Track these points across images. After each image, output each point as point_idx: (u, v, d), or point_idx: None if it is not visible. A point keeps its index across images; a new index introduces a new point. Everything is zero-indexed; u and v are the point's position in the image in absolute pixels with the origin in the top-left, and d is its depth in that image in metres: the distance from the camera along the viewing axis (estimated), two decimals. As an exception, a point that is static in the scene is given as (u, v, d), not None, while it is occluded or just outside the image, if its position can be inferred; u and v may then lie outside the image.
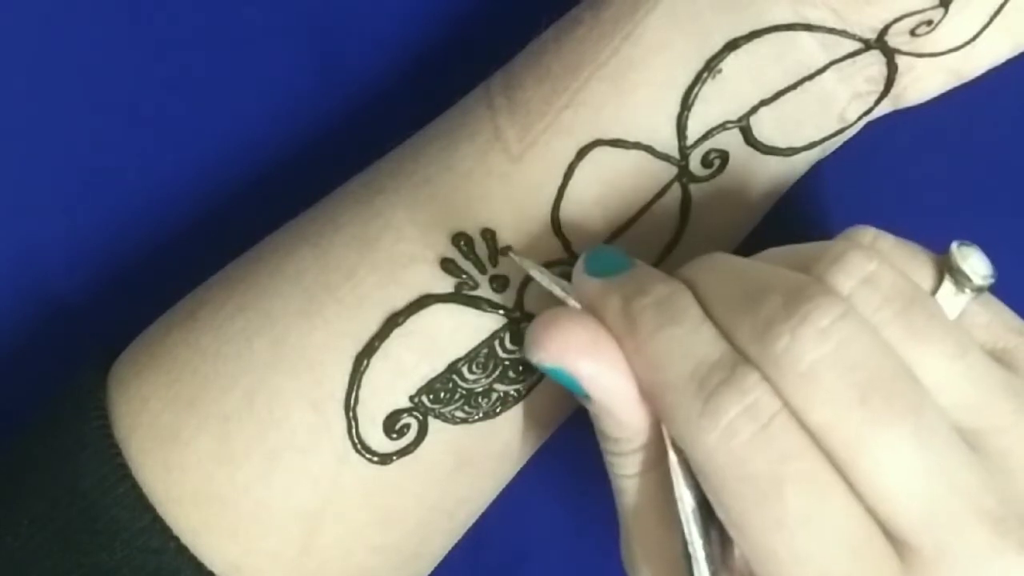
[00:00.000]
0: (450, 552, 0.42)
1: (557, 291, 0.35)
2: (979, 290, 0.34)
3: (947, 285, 0.34)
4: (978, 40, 0.38)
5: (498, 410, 0.39)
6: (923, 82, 0.39)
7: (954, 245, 0.34)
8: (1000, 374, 0.33)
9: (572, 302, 0.35)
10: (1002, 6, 0.38)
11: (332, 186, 0.41)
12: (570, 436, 0.42)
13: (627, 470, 0.35)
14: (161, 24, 0.44)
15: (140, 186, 0.44)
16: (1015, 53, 0.39)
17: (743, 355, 0.32)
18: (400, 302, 0.38)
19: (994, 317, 0.35)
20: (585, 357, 0.33)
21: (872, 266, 0.32)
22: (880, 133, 0.40)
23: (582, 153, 0.37)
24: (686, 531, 0.33)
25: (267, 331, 0.38)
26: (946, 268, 0.34)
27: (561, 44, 0.38)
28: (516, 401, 0.39)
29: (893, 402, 0.31)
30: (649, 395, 0.33)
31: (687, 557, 0.33)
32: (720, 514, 0.32)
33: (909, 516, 0.31)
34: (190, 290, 0.41)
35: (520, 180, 0.37)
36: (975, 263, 0.34)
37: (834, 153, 0.40)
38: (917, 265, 0.34)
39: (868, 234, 0.34)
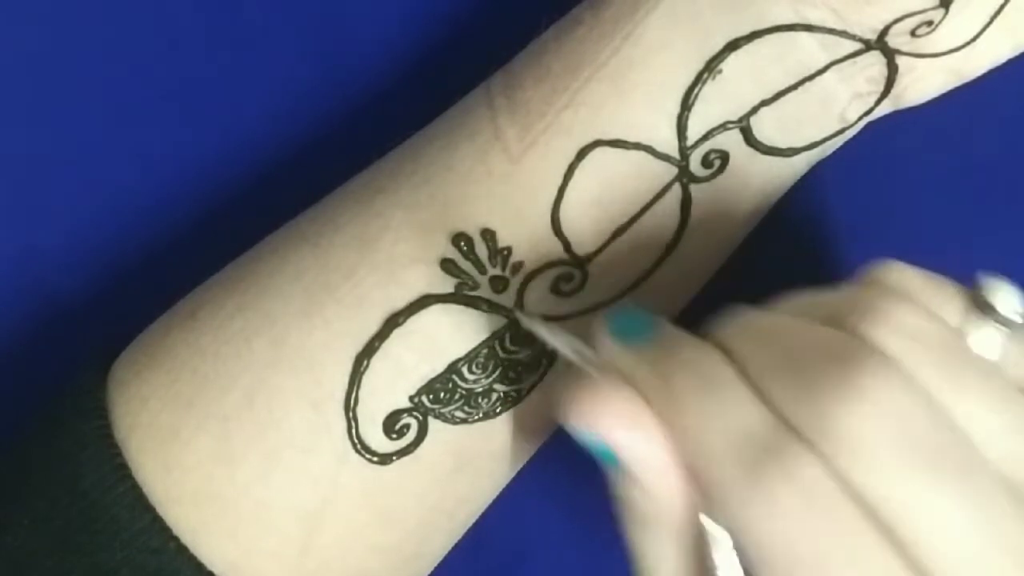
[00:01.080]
0: (450, 552, 0.42)
1: (575, 358, 0.34)
2: (1011, 326, 0.33)
3: (979, 322, 0.33)
4: (978, 40, 0.38)
5: (498, 410, 0.39)
6: (923, 82, 0.39)
7: (982, 279, 0.33)
8: None
9: (594, 369, 0.33)
10: (1002, 6, 0.38)
11: (332, 186, 0.41)
12: (570, 436, 0.42)
13: (650, 538, 0.33)
14: (161, 24, 0.44)
15: (140, 186, 0.44)
16: (1015, 53, 0.39)
17: (786, 423, 0.31)
18: (400, 302, 0.38)
19: None
20: (625, 428, 0.32)
21: (911, 319, 0.31)
22: (880, 133, 0.40)
23: (582, 153, 0.37)
24: None
25: (267, 331, 0.38)
26: (976, 303, 0.33)
27: (561, 44, 0.38)
28: (516, 401, 0.39)
29: (949, 469, 0.30)
30: (689, 467, 0.32)
31: None
32: None
33: None
34: (189, 290, 0.41)
35: (520, 180, 0.37)
36: (1006, 297, 0.33)
37: (834, 153, 0.40)
38: (946, 300, 0.33)
39: (892, 272, 0.33)
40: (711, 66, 0.37)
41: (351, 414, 0.38)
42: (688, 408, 0.31)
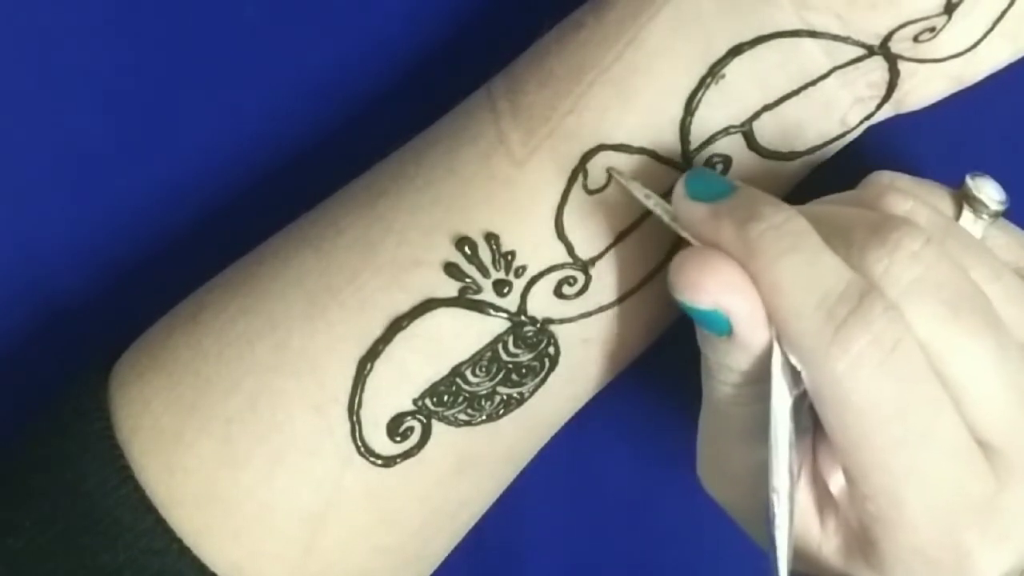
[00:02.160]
0: (450, 552, 0.42)
1: (664, 217, 0.36)
2: (995, 215, 0.37)
3: (967, 214, 0.37)
4: (979, 46, 0.38)
5: (501, 413, 0.39)
6: (925, 87, 0.39)
7: (968, 177, 0.37)
8: None
9: (679, 229, 0.35)
10: (1004, 13, 0.38)
11: (333, 188, 0.40)
12: (571, 436, 0.42)
13: (731, 379, 0.35)
14: (162, 24, 0.44)
15: (141, 187, 0.44)
16: (1015, 58, 0.40)
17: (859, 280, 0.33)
18: (404, 306, 0.38)
19: (1011, 238, 0.38)
20: (739, 296, 0.34)
21: (908, 204, 0.35)
22: (881, 136, 0.40)
23: (586, 158, 0.37)
24: (773, 434, 0.34)
25: (269, 334, 0.39)
26: (963, 198, 0.37)
27: (564, 48, 0.38)
28: (519, 404, 0.39)
29: (978, 316, 0.34)
30: (773, 319, 0.34)
31: (766, 468, 0.34)
32: (835, 434, 0.34)
33: (995, 421, 0.34)
34: (191, 292, 0.41)
35: (524, 184, 0.38)
36: (990, 190, 0.37)
37: (835, 156, 0.40)
38: (937, 198, 0.37)
39: (885, 175, 0.37)
40: (714, 71, 0.37)
41: (354, 417, 0.38)
42: (772, 265, 0.33)
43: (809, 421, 0.35)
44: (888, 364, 0.33)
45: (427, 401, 0.38)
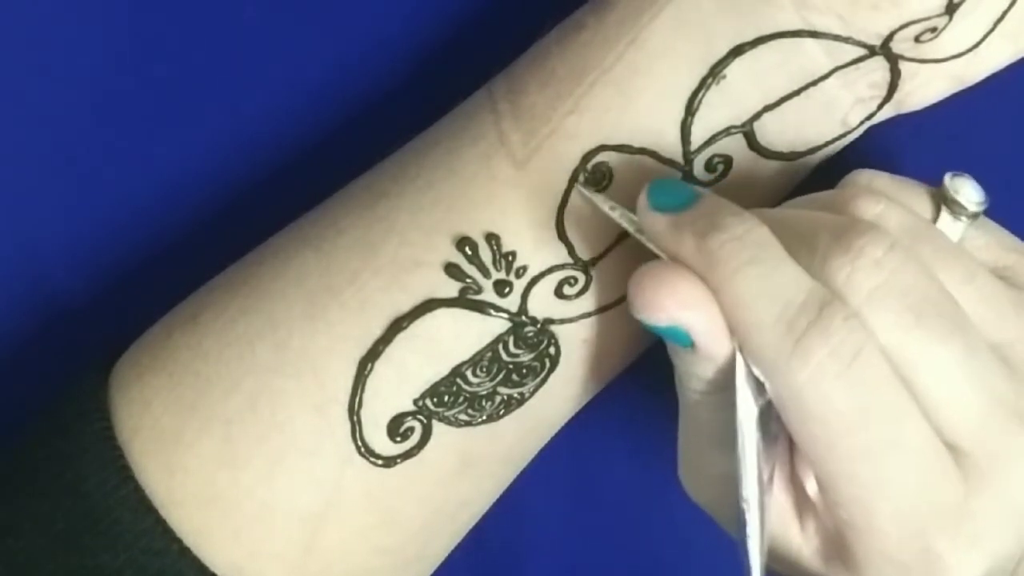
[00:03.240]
0: (451, 552, 0.42)
1: (629, 228, 0.36)
2: (974, 216, 0.37)
3: (944, 215, 0.37)
4: (981, 46, 0.38)
5: (501, 413, 0.39)
6: (926, 87, 0.39)
7: (947, 176, 0.37)
8: (1006, 291, 0.36)
9: (644, 240, 0.35)
10: (1005, 13, 0.38)
11: (334, 188, 0.40)
12: (571, 437, 0.42)
13: (698, 387, 0.35)
14: (162, 24, 0.44)
15: (141, 187, 0.44)
16: (1017, 58, 0.40)
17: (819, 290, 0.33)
18: (404, 306, 0.38)
19: (991, 239, 0.37)
20: (696, 312, 0.33)
21: (879, 207, 0.35)
22: (881, 136, 0.40)
23: (587, 158, 0.37)
24: (740, 445, 0.34)
25: (270, 334, 0.39)
26: (941, 199, 0.37)
27: (565, 48, 0.38)
28: (519, 404, 0.39)
29: (943, 321, 0.34)
30: (734, 331, 0.34)
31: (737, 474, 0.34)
32: (802, 444, 0.34)
33: (963, 424, 0.34)
34: (191, 292, 0.41)
35: (525, 185, 0.38)
36: (968, 191, 0.37)
37: (835, 156, 0.40)
38: (915, 198, 0.37)
39: (864, 175, 0.37)
40: (715, 71, 0.37)
41: (355, 417, 0.38)
42: (733, 277, 0.33)
43: (780, 426, 0.35)
44: (849, 374, 0.33)
45: (427, 401, 0.38)
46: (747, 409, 0.34)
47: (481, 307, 0.38)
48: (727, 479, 0.35)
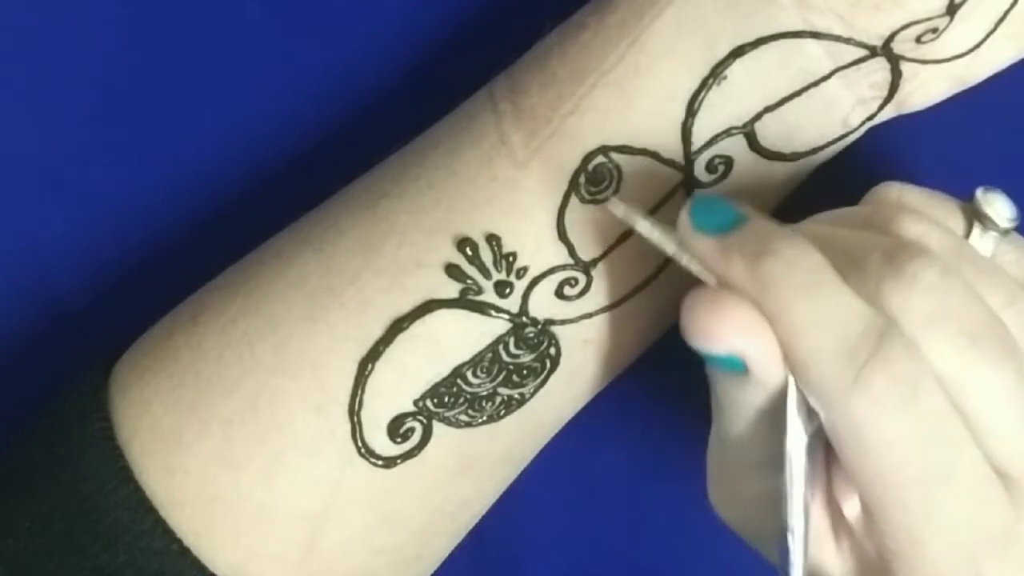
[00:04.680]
0: (450, 552, 0.42)
1: (670, 252, 0.35)
2: (1006, 232, 0.36)
3: (976, 230, 0.36)
4: (982, 47, 0.38)
5: (502, 413, 0.39)
6: (927, 88, 0.39)
7: (979, 191, 0.36)
8: None
9: (686, 263, 0.34)
10: (1006, 13, 0.38)
11: (334, 189, 0.40)
12: (571, 437, 0.42)
13: (742, 412, 0.34)
14: (162, 24, 0.44)
15: (141, 188, 0.44)
16: (1018, 59, 0.40)
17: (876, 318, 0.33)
18: (405, 307, 0.38)
19: (1019, 253, 0.37)
20: (753, 339, 0.33)
21: (921, 227, 0.34)
22: (882, 136, 0.40)
23: (588, 159, 0.37)
24: (788, 474, 0.33)
25: (270, 335, 0.38)
26: (973, 214, 0.36)
27: (566, 49, 0.38)
28: (520, 404, 0.39)
29: (996, 345, 0.33)
30: (789, 359, 0.33)
31: (782, 498, 0.34)
32: (854, 473, 0.33)
33: (1014, 451, 0.33)
34: (191, 292, 0.41)
35: (525, 186, 0.38)
36: (1000, 207, 0.36)
37: (837, 156, 0.40)
38: (947, 213, 0.36)
39: (892, 189, 0.36)
40: (716, 72, 0.37)
41: (355, 418, 0.38)
42: (794, 308, 0.32)
43: (821, 449, 0.35)
44: (909, 404, 0.32)
45: (428, 402, 0.38)
46: (797, 438, 0.33)
47: (482, 308, 0.38)
48: (761, 501, 0.35)
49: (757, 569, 0.37)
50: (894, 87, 0.38)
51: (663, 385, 0.44)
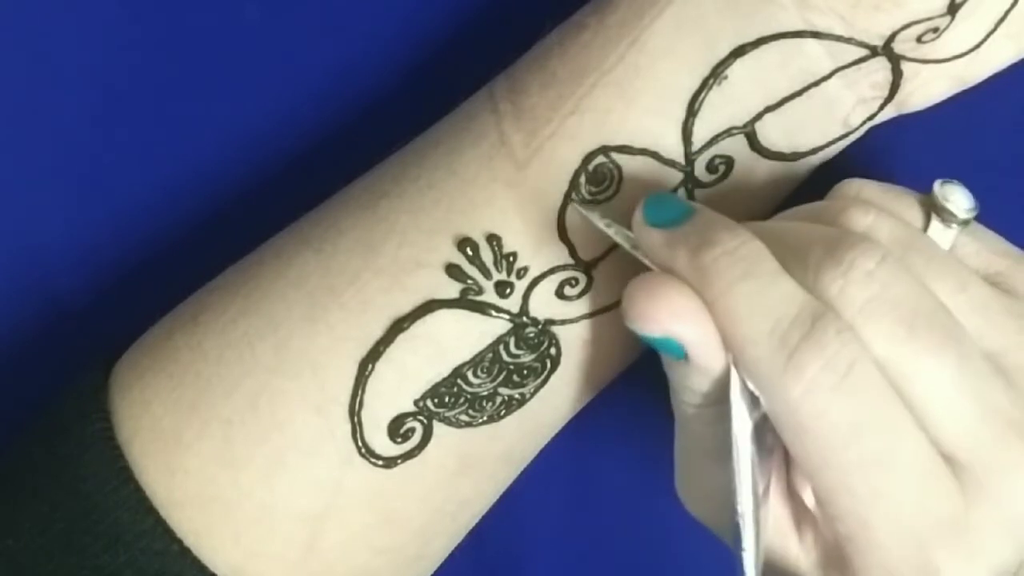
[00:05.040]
0: (450, 552, 0.42)
1: (625, 245, 0.36)
2: (965, 223, 0.37)
3: (935, 222, 0.37)
4: (982, 46, 0.38)
5: (502, 414, 0.39)
6: (927, 88, 0.39)
7: (937, 184, 0.37)
8: (999, 299, 0.35)
9: (640, 256, 0.35)
10: (1007, 13, 0.38)
11: (334, 189, 0.40)
12: (571, 438, 0.42)
13: (693, 400, 0.35)
14: (162, 25, 0.44)
15: (142, 187, 0.44)
16: (1018, 58, 0.40)
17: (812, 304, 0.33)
18: (405, 307, 0.38)
19: (982, 245, 0.37)
20: (690, 324, 0.33)
21: (870, 218, 0.35)
22: (882, 136, 0.40)
23: (588, 159, 0.37)
24: (735, 459, 0.34)
25: (270, 335, 0.38)
26: (931, 206, 0.37)
27: (566, 49, 0.38)
28: (520, 405, 0.39)
29: (936, 332, 0.33)
30: (728, 345, 0.34)
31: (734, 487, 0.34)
32: (798, 458, 0.34)
33: (959, 436, 0.34)
34: (191, 292, 0.41)
35: (526, 186, 0.38)
36: (959, 198, 0.36)
37: (836, 156, 0.40)
38: (905, 207, 0.37)
39: (853, 185, 0.37)
40: (717, 72, 0.37)
41: (355, 418, 0.38)
42: (727, 291, 0.33)
43: (776, 439, 0.35)
44: (843, 387, 0.32)
45: (428, 402, 0.38)
46: (741, 423, 0.34)
47: (482, 308, 0.38)
48: (723, 492, 0.35)
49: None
50: (895, 87, 0.38)
51: (663, 385, 0.44)
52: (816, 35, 0.37)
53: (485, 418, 0.39)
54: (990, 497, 0.34)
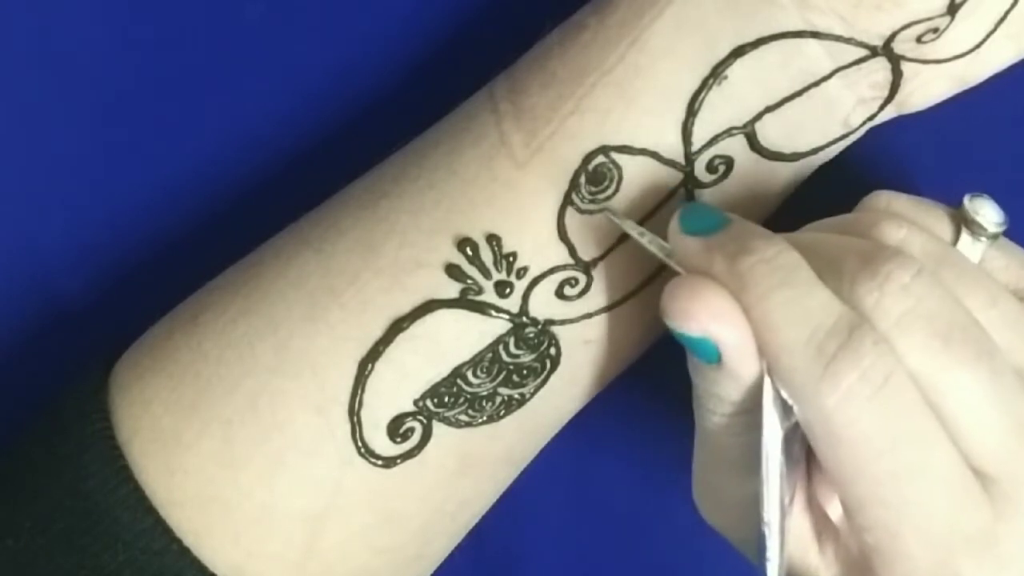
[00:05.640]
0: (450, 552, 0.42)
1: (659, 253, 0.36)
2: (994, 237, 0.37)
3: (964, 236, 0.37)
4: (983, 47, 0.38)
5: (502, 414, 0.39)
6: (928, 88, 0.39)
7: (966, 198, 0.37)
8: None
9: (673, 264, 0.35)
10: (1007, 13, 0.38)
11: (334, 189, 0.40)
12: (571, 437, 0.42)
13: (720, 409, 0.35)
14: (162, 24, 0.44)
15: (142, 187, 0.44)
16: (1019, 59, 0.40)
17: (849, 314, 0.33)
18: (405, 307, 0.38)
19: (1011, 260, 0.37)
20: (728, 326, 0.34)
21: (903, 232, 0.35)
22: (883, 136, 0.40)
23: (588, 159, 0.37)
24: (764, 468, 0.34)
25: (270, 335, 0.38)
26: (961, 220, 0.37)
27: (566, 49, 0.38)
28: (520, 405, 0.39)
29: (970, 346, 0.33)
30: (764, 353, 0.34)
31: (759, 497, 0.34)
32: (830, 468, 0.34)
33: (990, 450, 0.34)
34: (191, 292, 0.41)
35: (525, 186, 0.38)
36: (988, 212, 0.37)
37: (837, 156, 0.40)
38: (935, 220, 0.37)
39: (882, 197, 0.37)
40: (717, 72, 0.37)
41: (355, 418, 0.38)
42: (763, 299, 0.33)
43: (803, 450, 0.35)
44: (879, 398, 0.33)
45: (428, 402, 0.38)
46: (773, 431, 0.34)
47: (482, 308, 0.38)
48: (745, 504, 0.35)
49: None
50: (895, 87, 0.38)
51: (663, 385, 0.44)
52: (816, 35, 0.37)
53: (485, 418, 0.39)
54: (1018, 510, 0.34)
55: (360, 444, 0.38)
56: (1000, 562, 0.34)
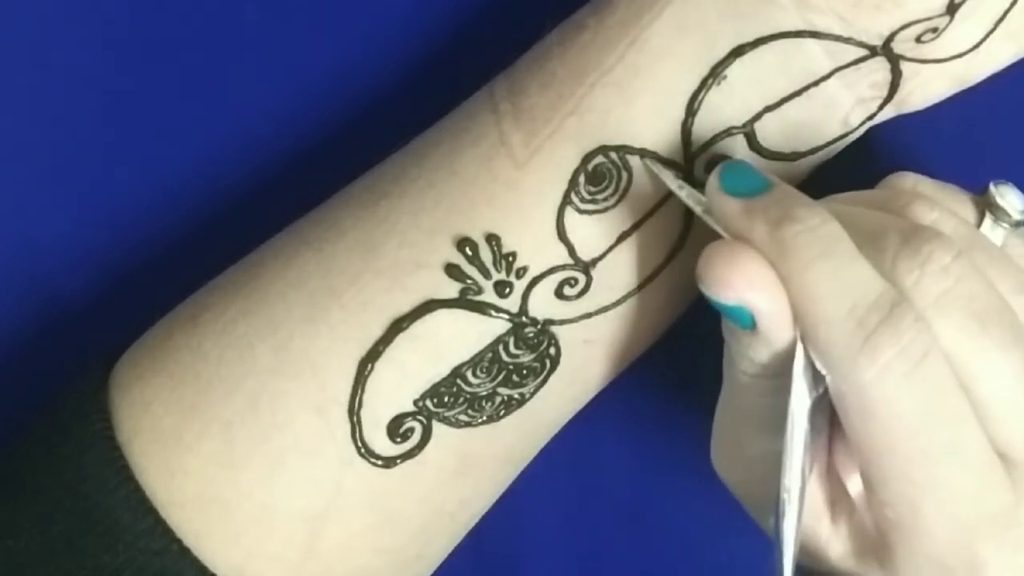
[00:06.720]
0: (451, 552, 0.42)
1: (696, 208, 0.36)
2: (1018, 224, 0.37)
3: (988, 221, 0.37)
4: (982, 46, 0.38)
5: (502, 414, 0.39)
6: (927, 87, 0.39)
7: (992, 184, 0.37)
8: None
9: (711, 221, 0.35)
10: (1006, 13, 0.38)
11: (334, 189, 0.40)
12: (571, 437, 0.42)
13: (751, 370, 0.35)
14: (162, 24, 0.44)
15: (142, 188, 0.44)
16: (1018, 58, 0.40)
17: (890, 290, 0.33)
18: (405, 307, 0.38)
19: None
20: (764, 294, 0.33)
21: (935, 214, 0.35)
22: (883, 136, 0.40)
23: (587, 159, 0.37)
24: (789, 435, 0.34)
25: (270, 336, 0.38)
26: (985, 206, 0.37)
27: (566, 49, 0.38)
28: (520, 405, 0.39)
29: (1006, 331, 0.34)
30: (801, 322, 0.34)
31: (780, 460, 0.34)
32: (859, 442, 0.34)
33: (1017, 434, 0.34)
34: (191, 293, 0.41)
35: (525, 186, 0.38)
36: (1013, 199, 0.37)
37: (836, 156, 0.40)
38: (959, 204, 0.37)
39: (908, 178, 0.37)
40: (716, 72, 0.37)
41: (355, 418, 0.38)
42: (805, 269, 0.33)
43: (825, 420, 0.35)
44: (915, 376, 0.33)
45: (428, 402, 0.38)
46: (800, 400, 0.34)
47: (481, 308, 0.38)
48: (762, 461, 0.35)
49: (757, 569, 0.37)
50: (894, 87, 0.38)
51: (663, 385, 0.44)
52: (815, 35, 0.37)
53: (484, 418, 0.39)
54: None
55: (360, 444, 0.38)
56: (1018, 544, 0.34)
